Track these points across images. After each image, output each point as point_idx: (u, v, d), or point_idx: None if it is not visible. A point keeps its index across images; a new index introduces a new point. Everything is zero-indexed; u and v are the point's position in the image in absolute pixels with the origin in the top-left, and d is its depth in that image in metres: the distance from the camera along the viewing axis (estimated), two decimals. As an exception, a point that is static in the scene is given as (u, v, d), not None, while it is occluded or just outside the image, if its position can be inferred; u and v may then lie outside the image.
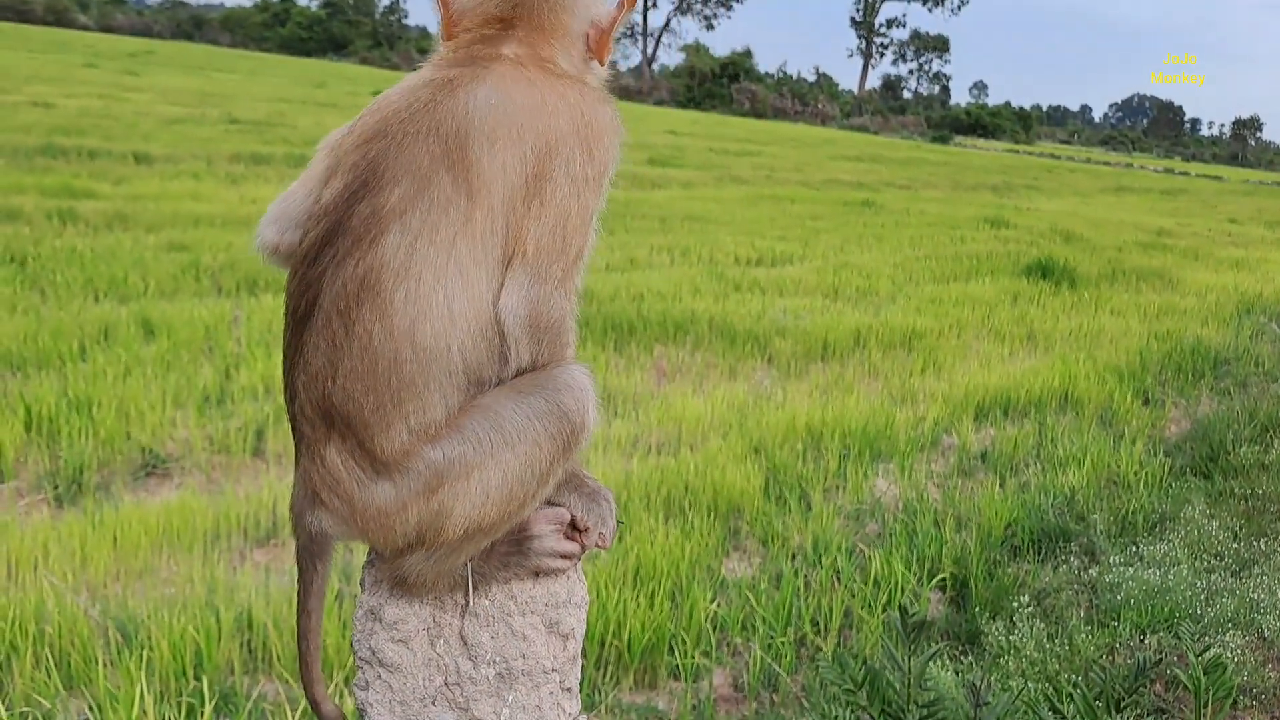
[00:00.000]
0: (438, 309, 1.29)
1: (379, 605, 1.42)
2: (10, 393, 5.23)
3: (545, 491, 1.37)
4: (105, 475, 4.71)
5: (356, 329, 1.30)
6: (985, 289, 10.98)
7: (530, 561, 1.41)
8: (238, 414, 5.41)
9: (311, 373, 1.34)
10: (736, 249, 12.02)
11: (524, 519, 1.38)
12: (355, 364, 1.30)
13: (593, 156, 1.38)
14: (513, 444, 1.32)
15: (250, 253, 1.78)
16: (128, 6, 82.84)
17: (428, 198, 1.30)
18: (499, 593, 1.41)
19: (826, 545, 4.50)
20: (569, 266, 1.36)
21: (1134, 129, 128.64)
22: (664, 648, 3.65)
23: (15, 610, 3.33)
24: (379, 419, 1.31)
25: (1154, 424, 6.99)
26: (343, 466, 1.34)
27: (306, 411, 1.36)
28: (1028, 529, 4.97)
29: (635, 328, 7.70)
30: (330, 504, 1.36)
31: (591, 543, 1.42)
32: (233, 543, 4.22)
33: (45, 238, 8.79)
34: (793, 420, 5.97)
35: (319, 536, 1.40)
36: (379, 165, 1.33)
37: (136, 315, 6.71)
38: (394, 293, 1.29)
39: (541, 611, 1.41)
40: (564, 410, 1.34)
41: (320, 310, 1.32)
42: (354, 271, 1.30)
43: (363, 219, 1.31)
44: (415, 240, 1.29)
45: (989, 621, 4.01)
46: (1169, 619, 3.99)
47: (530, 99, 1.36)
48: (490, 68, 1.39)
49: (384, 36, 77.90)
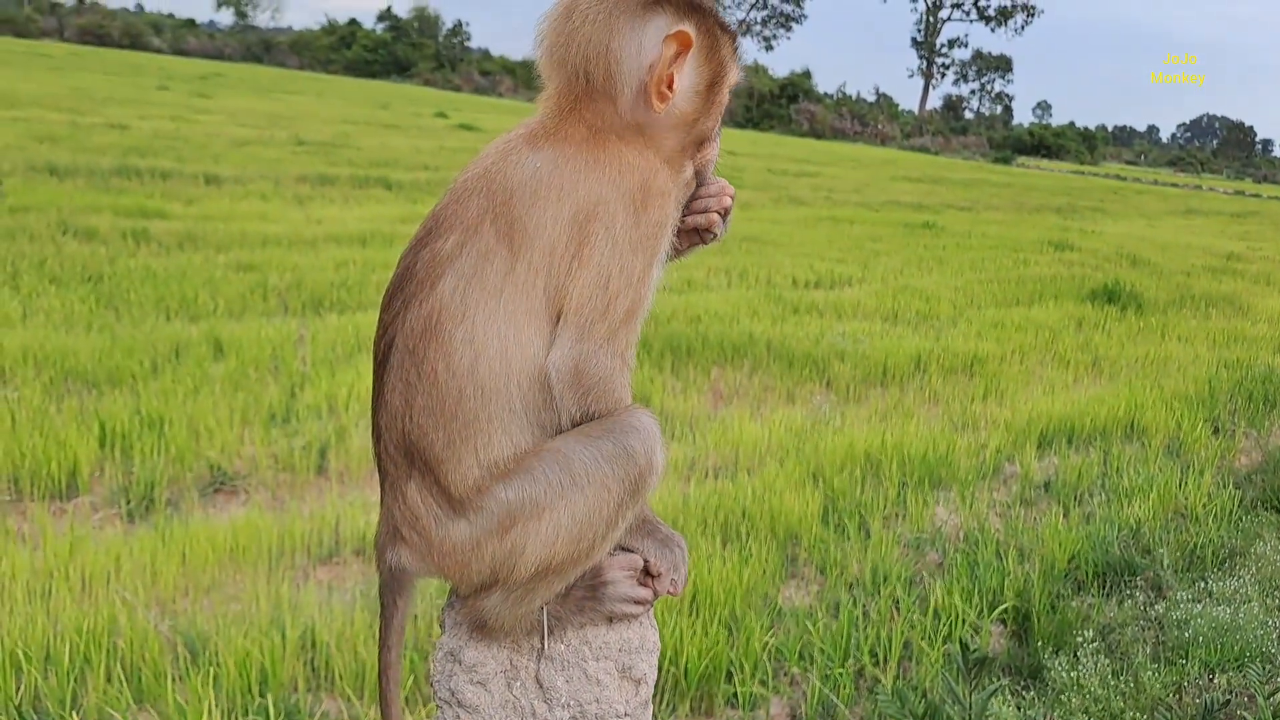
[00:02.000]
0: (493, 350, 1.36)
1: (458, 647, 1.45)
2: (86, 409, 5.39)
3: (615, 535, 1.40)
4: (175, 491, 4.83)
5: (425, 367, 1.37)
6: (1049, 314, 10.82)
7: (605, 607, 1.44)
8: (302, 432, 5.51)
9: (392, 412, 1.41)
10: (795, 271, 11.98)
11: (596, 562, 1.41)
12: (427, 401, 1.37)
13: (639, 219, 1.40)
14: (582, 485, 1.36)
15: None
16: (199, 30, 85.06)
17: (475, 247, 1.38)
18: (574, 637, 1.43)
19: (886, 574, 4.46)
20: (615, 326, 1.39)
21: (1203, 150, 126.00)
22: (721, 676, 3.64)
23: (89, 624, 3.42)
24: (450, 454, 1.37)
25: (1223, 455, 6.83)
26: (421, 504, 1.40)
27: (389, 450, 1.43)
28: (1092, 561, 4.88)
29: (693, 349, 7.72)
30: (410, 540, 1.42)
31: (664, 589, 1.45)
32: (296, 560, 4.29)
33: (120, 257, 9.05)
34: (851, 446, 5.93)
35: (399, 572, 1.45)
36: (441, 216, 1.43)
37: (206, 334, 6.88)
38: (454, 333, 1.36)
39: (615, 657, 1.44)
40: (631, 453, 1.37)
41: (395, 351, 1.40)
42: (419, 313, 1.38)
43: (425, 264, 1.40)
44: (467, 285, 1.37)
45: (1052, 656, 3.94)
46: (1239, 658, 3.89)
47: (576, 162, 1.41)
48: (549, 134, 1.44)
49: (447, 59, 79.04)
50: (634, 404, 1.43)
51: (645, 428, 1.39)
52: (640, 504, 1.41)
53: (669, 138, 1.49)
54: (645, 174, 1.42)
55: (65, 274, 8.21)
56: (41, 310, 7.12)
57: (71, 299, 7.43)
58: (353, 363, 6.56)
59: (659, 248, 1.44)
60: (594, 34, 1.43)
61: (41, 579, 3.82)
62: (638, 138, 1.46)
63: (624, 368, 1.41)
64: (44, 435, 4.94)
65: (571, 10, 1.45)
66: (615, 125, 1.45)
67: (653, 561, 1.45)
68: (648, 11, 1.44)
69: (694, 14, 1.46)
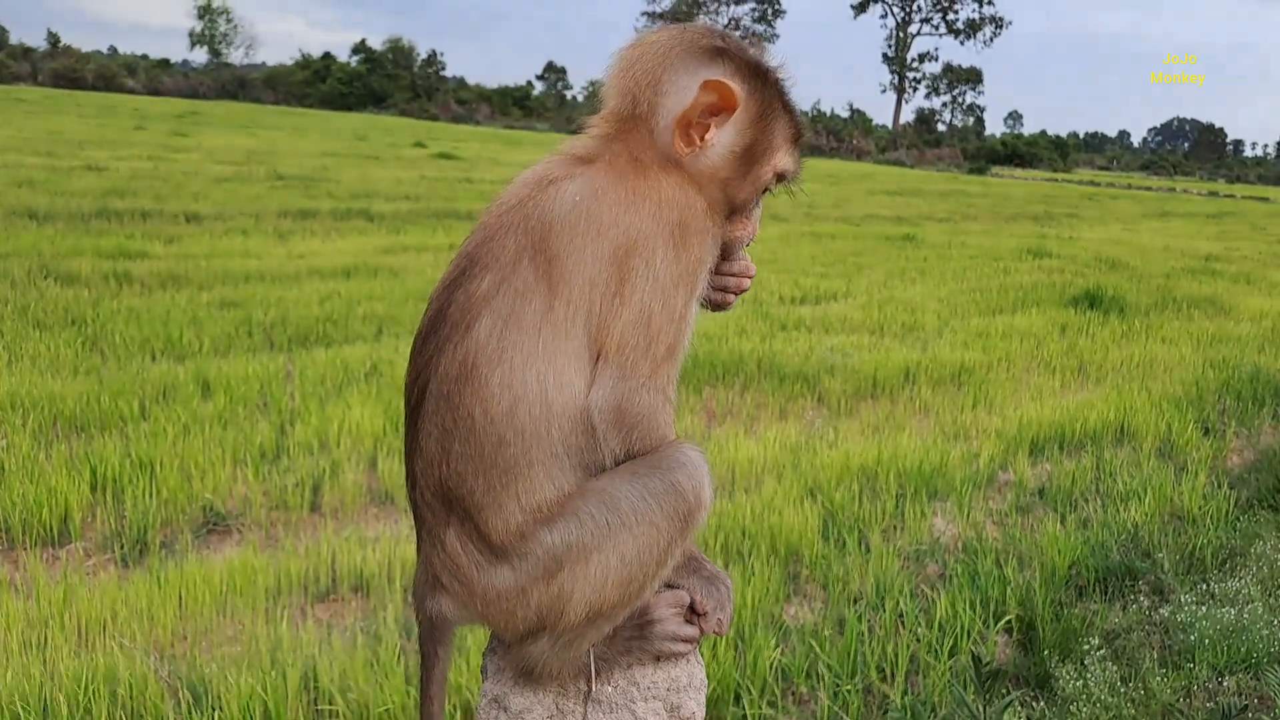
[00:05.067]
0: (532, 392, 1.32)
1: (503, 694, 1.42)
2: (75, 454, 5.33)
3: (665, 573, 1.37)
4: (169, 534, 4.78)
5: (461, 412, 1.33)
6: (1032, 321, 10.87)
7: (653, 646, 1.41)
8: (294, 469, 5.46)
9: (428, 458, 1.37)
10: (780, 288, 12.01)
11: (645, 601, 1.38)
12: (464, 448, 1.33)
13: (679, 255, 1.38)
14: (630, 525, 1.32)
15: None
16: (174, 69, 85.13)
17: (512, 286, 1.34)
18: (621, 679, 1.40)
19: (888, 588, 4.44)
20: (658, 363, 1.36)
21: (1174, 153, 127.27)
22: (729, 698, 3.61)
23: (87, 672, 3.37)
24: (490, 500, 1.33)
25: (1216, 455, 6.85)
26: (462, 551, 1.36)
27: (426, 497, 1.39)
28: (1092, 567, 4.88)
29: (684, 370, 7.67)
30: (451, 588, 1.38)
31: (710, 628, 1.42)
32: (293, 599, 4.25)
33: (103, 299, 8.99)
34: (847, 460, 5.93)
35: (440, 621, 1.42)
36: (475, 255, 1.38)
37: (193, 373, 6.83)
38: (490, 376, 1.32)
39: (663, 696, 1.41)
40: (680, 490, 1.34)
41: (430, 396, 1.37)
42: (454, 356, 1.34)
43: (459, 306, 1.36)
44: (505, 326, 1.33)
45: (1059, 664, 3.93)
46: (1246, 659, 3.88)
47: (616, 196, 1.37)
48: (588, 166, 1.41)
49: (422, 88, 79.25)
50: (679, 439, 1.40)
51: (692, 463, 1.36)
52: (690, 541, 1.37)
53: (704, 186, 1.46)
54: (684, 209, 1.40)
55: (49, 318, 8.14)
56: (26, 355, 7.06)
57: (56, 343, 7.37)
58: (342, 397, 6.52)
59: (698, 284, 1.41)
60: (652, 63, 1.43)
61: (36, 628, 3.76)
62: (678, 171, 1.44)
63: (666, 404, 1.38)
64: (34, 482, 4.88)
65: (643, 40, 1.46)
66: (655, 156, 1.43)
67: (699, 599, 1.42)
68: (708, 58, 1.43)
69: (755, 79, 1.45)
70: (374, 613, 4.11)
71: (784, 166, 1.51)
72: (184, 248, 12.12)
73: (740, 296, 1.58)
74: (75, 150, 22.60)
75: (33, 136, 25.44)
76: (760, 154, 1.47)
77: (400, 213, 16.53)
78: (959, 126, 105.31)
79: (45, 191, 15.56)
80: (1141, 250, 19.27)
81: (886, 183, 37.03)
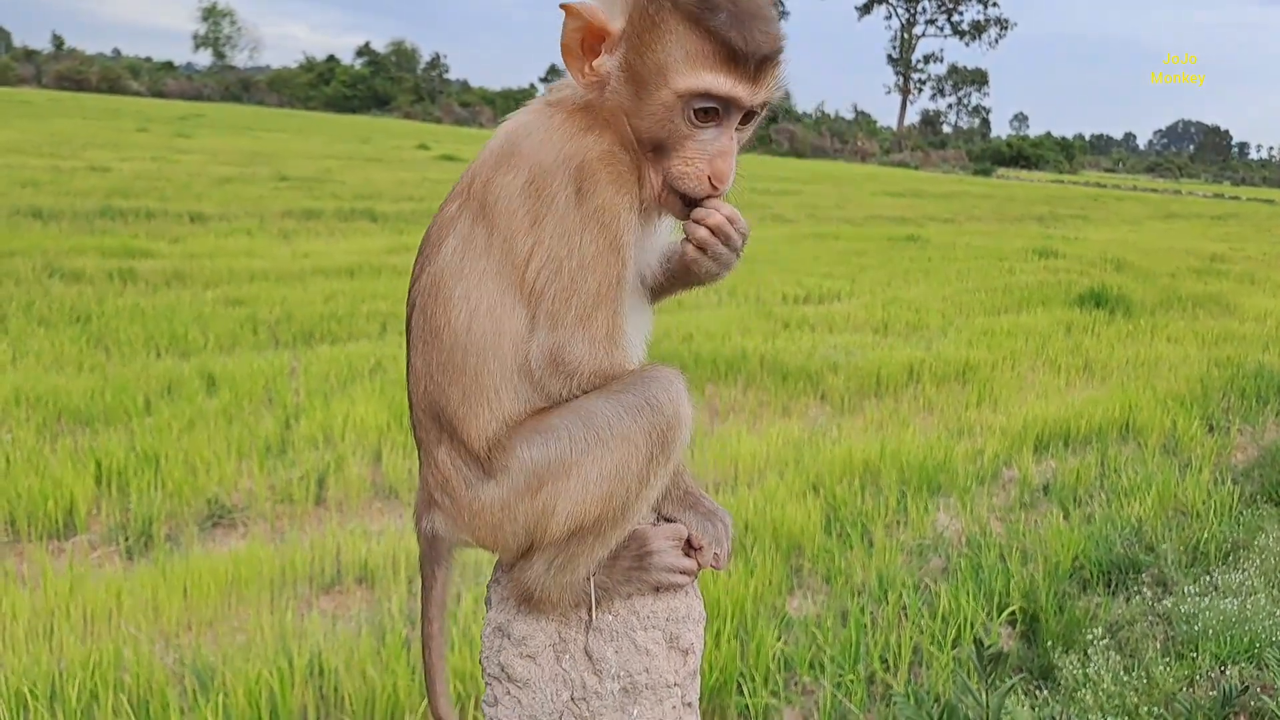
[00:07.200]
0: (484, 308, 1.36)
1: (506, 621, 1.46)
2: (81, 448, 5.35)
3: (650, 493, 1.37)
4: (173, 527, 4.79)
5: (434, 323, 1.39)
6: (1038, 320, 10.86)
7: (651, 576, 1.43)
8: (299, 463, 5.48)
9: (416, 374, 1.43)
10: (784, 287, 12.02)
11: (634, 522, 1.39)
12: (440, 357, 1.39)
13: (581, 199, 1.33)
14: (606, 440, 1.34)
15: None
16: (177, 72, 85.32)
17: (468, 209, 1.39)
18: (621, 608, 1.44)
19: (891, 581, 4.45)
20: (586, 310, 1.33)
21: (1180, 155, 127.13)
22: (732, 687, 3.62)
23: (94, 660, 3.38)
24: (466, 410, 1.38)
25: (1220, 452, 6.85)
26: (451, 466, 1.41)
27: (420, 416, 1.45)
28: (1096, 561, 4.88)
29: (686, 367, 7.71)
30: (443, 504, 1.43)
31: (707, 561, 1.44)
32: (298, 591, 4.26)
33: (107, 297, 9.02)
34: (849, 456, 5.93)
35: (434, 539, 1.46)
36: (453, 187, 1.45)
37: (198, 369, 6.85)
38: (453, 290, 1.37)
39: (663, 626, 1.44)
40: (656, 404, 1.34)
41: (414, 313, 1.43)
42: (429, 272, 1.41)
43: (437, 226, 1.43)
44: (465, 246, 1.38)
45: (1062, 655, 3.93)
46: (1249, 649, 3.88)
47: (536, 135, 1.37)
48: (545, 99, 1.44)
49: (426, 91, 79.41)
50: (653, 362, 1.41)
51: (668, 379, 1.35)
52: (673, 459, 1.37)
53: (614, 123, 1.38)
54: (584, 150, 1.34)
55: (54, 315, 8.17)
56: (32, 352, 7.08)
57: (61, 340, 7.39)
58: (347, 392, 6.54)
59: (614, 232, 1.33)
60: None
61: (43, 618, 3.77)
62: (587, 112, 1.38)
63: (609, 350, 1.35)
64: (40, 475, 4.90)
65: None
66: (574, 96, 1.40)
67: (695, 534, 1.44)
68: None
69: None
70: (379, 603, 4.12)
71: (690, 85, 1.31)
72: (188, 247, 12.15)
73: (729, 266, 1.45)
74: (79, 151, 22.67)
75: (37, 138, 25.52)
76: (650, 76, 1.33)
77: (404, 213, 16.55)
78: (964, 128, 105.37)
79: (50, 191, 15.61)
80: (1147, 250, 19.26)
81: (891, 184, 37.05)
